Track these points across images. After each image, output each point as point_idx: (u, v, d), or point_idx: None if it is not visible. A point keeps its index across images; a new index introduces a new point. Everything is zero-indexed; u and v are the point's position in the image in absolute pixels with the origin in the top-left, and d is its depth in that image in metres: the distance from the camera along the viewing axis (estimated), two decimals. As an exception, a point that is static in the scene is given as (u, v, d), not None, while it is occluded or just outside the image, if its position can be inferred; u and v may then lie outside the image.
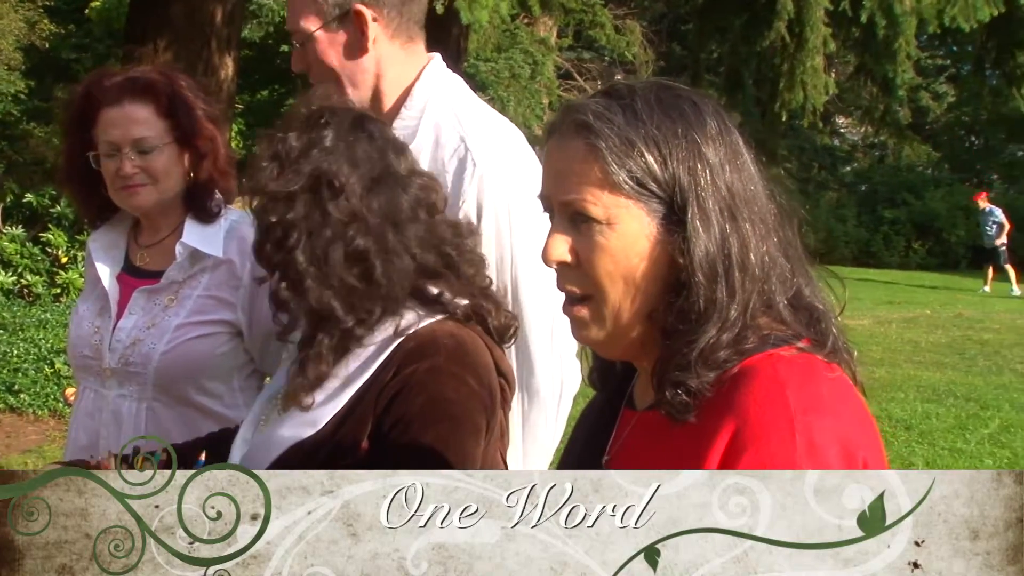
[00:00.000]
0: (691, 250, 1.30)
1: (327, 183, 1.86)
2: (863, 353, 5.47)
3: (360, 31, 2.34)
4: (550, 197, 1.38)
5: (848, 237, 29.67)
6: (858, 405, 1.31)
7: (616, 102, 1.34)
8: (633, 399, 1.47)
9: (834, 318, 1.38)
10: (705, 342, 1.29)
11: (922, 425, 8.59)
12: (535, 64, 26.73)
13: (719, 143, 1.33)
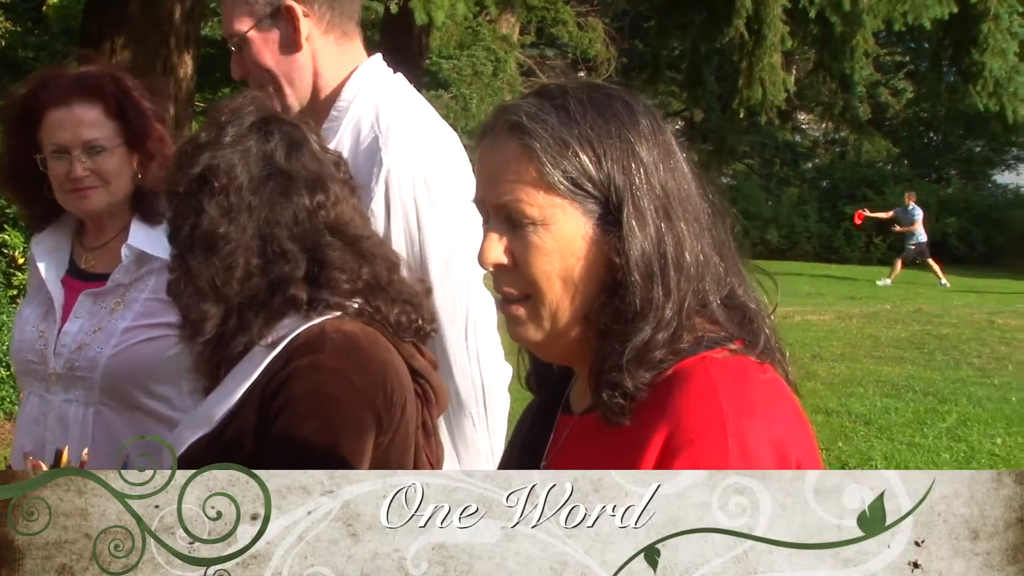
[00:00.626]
0: (627, 249, 1.30)
1: (212, 179, 1.87)
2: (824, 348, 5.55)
3: (292, 27, 2.35)
4: (484, 200, 1.37)
5: (810, 233, 29.88)
6: (791, 405, 1.32)
7: (549, 102, 1.34)
8: (570, 403, 1.47)
9: (767, 317, 1.39)
10: (640, 341, 1.29)
11: (881, 420, 8.69)
12: (497, 61, 26.71)
13: (652, 142, 1.33)
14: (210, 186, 1.87)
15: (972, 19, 15.47)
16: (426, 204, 2.30)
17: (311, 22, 2.36)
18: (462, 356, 2.33)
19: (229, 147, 1.89)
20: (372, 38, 21.93)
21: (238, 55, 2.39)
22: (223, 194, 1.87)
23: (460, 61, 26.15)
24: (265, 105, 2.06)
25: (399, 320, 1.97)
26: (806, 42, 17.85)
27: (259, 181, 1.88)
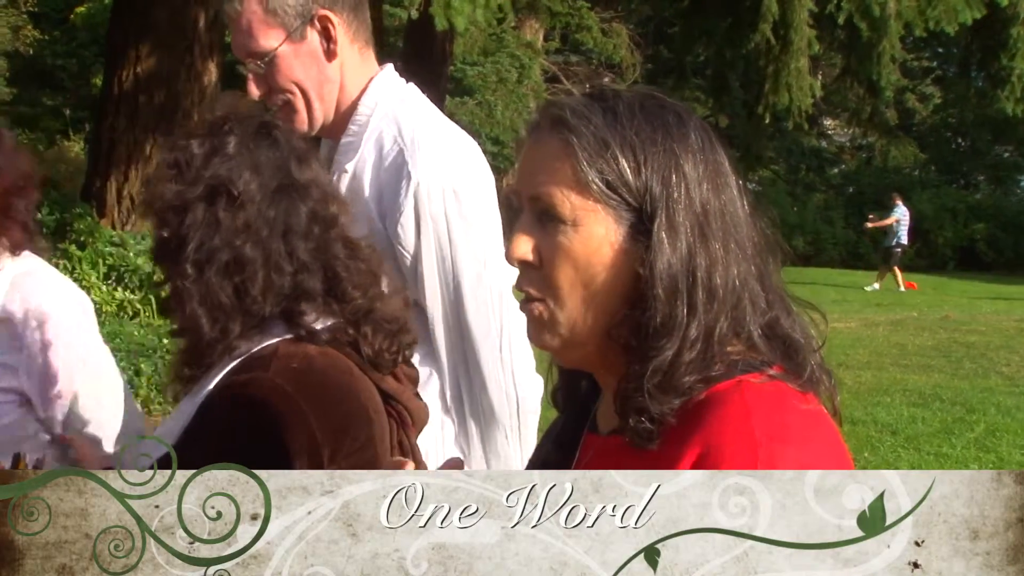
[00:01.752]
0: (653, 262, 1.25)
1: (225, 192, 1.82)
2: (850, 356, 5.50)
3: (327, 36, 2.29)
4: (520, 192, 1.34)
5: (836, 239, 29.76)
6: (829, 437, 1.26)
7: (598, 103, 1.30)
8: (596, 422, 1.42)
9: (815, 351, 1.33)
10: (661, 362, 1.24)
11: (908, 430, 8.59)
12: (522, 68, 26.76)
13: (699, 158, 1.28)
14: (223, 199, 1.82)
15: (1001, 23, 15.40)
16: (456, 216, 2.26)
17: (342, 30, 2.30)
18: (496, 369, 2.30)
19: (237, 157, 1.84)
20: (395, 44, 22.00)
21: (258, 74, 2.30)
22: (238, 207, 1.82)
23: (484, 67, 26.21)
24: (260, 109, 2.03)
25: (374, 349, 1.92)
26: (833, 47, 17.81)
27: (274, 192, 1.84)
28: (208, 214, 1.81)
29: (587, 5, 26.82)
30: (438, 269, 2.26)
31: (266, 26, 2.25)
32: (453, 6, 11.18)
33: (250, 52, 2.28)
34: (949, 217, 28.84)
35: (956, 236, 28.28)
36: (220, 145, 1.84)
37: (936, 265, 28.15)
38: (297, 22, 2.26)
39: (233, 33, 2.31)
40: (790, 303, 1.35)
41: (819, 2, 14.65)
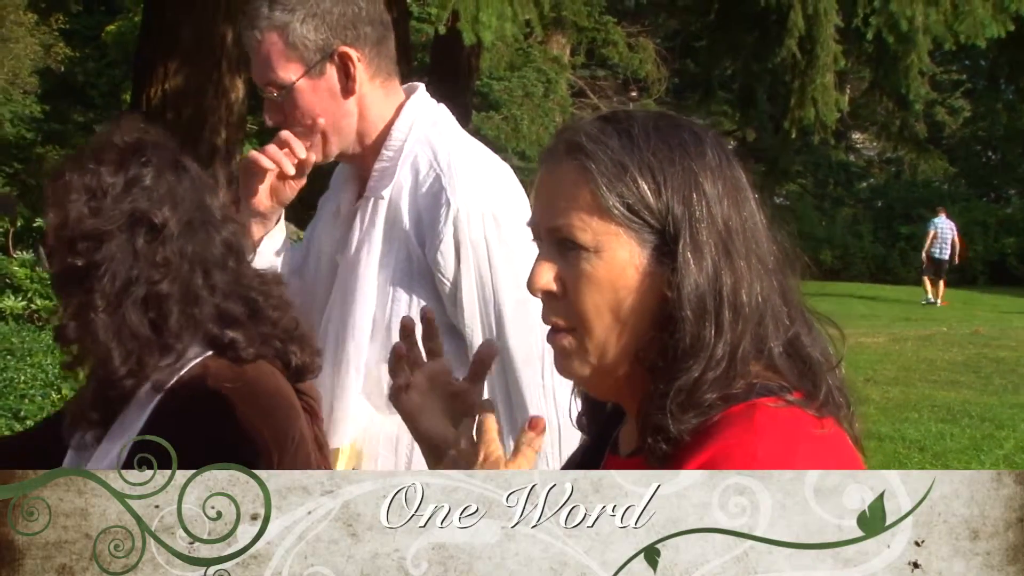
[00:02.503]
0: (680, 283, 1.24)
1: (147, 224, 1.80)
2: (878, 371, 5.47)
3: (346, 74, 2.29)
4: (539, 223, 1.32)
5: (864, 253, 29.60)
6: (843, 465, 1.22)
7: (612, 126, 1.29)
8: (618, 444, 1.41)
9: (835, 369, 1.31)
10: (686, 381, 1.23)
11: (936, 446, 8.51)
12: (548, 82, 26.81)
13: (718, 176, 1.27)
14: (143, 231, 1.79)
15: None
16: (496, 242, 2.26)
17: (362, 67, 2.30)
18: (538, 396, 2.28)
19: (156, 189, 1.81)
20: (423, 59, 22.08)
21: (276, 103, 2.29)
22: (159, 241, 1.80)
23: (511, 82, 26.28)
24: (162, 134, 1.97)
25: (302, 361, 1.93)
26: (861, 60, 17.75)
27: (189, 225, 1.83)
28: (128, 246, 1.78)
29: (613, 20, 26.85)
30: (478, 295, 2.25)
31: (285, 59, 2.25)
32: (481, 21, 11.21)
33: (268, 82, 2.28)
34: (979, 231, 28.62)
35: (986, 250, 28.06)
36: (138, 176, 1.81)
37: (966, 279, 27.92)
38: (316, 57, 2.26)
39: (252, 60, 2.31)
40: (811, 318, 1.33)
41: (846, 16, 14.61)
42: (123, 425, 1.81)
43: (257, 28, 2.26)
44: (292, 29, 2.25)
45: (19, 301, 10.67)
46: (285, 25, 2.25)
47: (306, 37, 2.25)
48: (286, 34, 2.25)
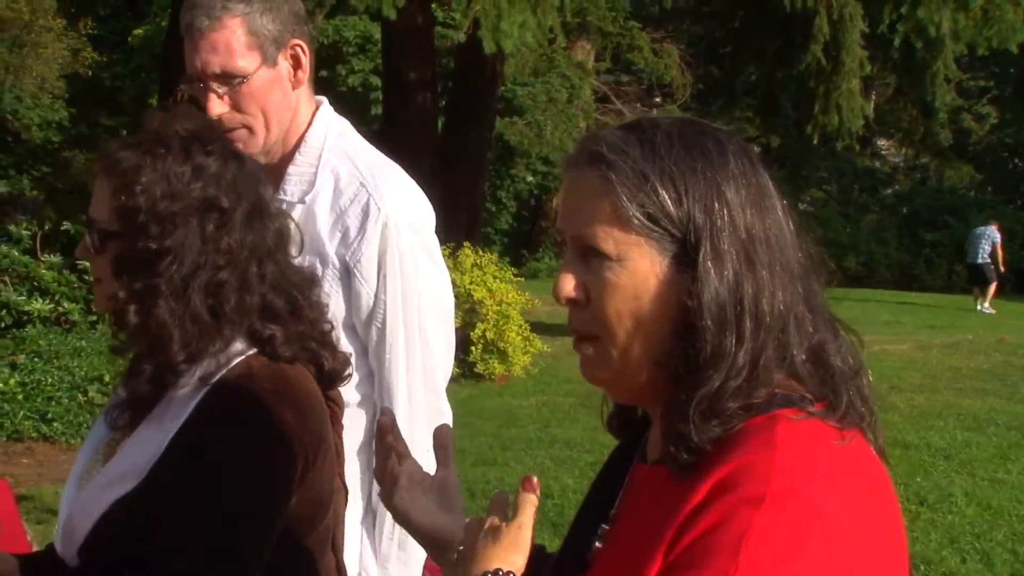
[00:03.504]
0: (700, 292, 1.23)
1: (216, 210, 1.80)
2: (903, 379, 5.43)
3: (296, 66, 2.36)
4: (564, 231, 1.32)
5: (889, 260, 29.42)
6: (864, 480, 1.22)
7: (635, 135, 1.29)
8: (646, 451, 1.41)
9: (861, 377, 1.29)
10: (708, 390, 1.22)
11: (962, 454, 8.44)
12: (572, 88, 26.79)
13: (741, 183, 1.27)
14: (213, 218, 1.80)
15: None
16: (420, 249, 2.40)
17: (305, 62, 2.38)
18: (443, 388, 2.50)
19: (221, 176, 1.83)
20: (447, 65, 22.08)
21: (222, 94, 2.31)
22: (226, 227, 1.81)
23: (535, 88, 26.26)
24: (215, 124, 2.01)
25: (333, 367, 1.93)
26: (886, 67, 17.65)
27: (249, 215, 1.84)
28: (198, 232, 1.79)
29: (638, 26, 26.81)
30: (399, 298, 2.36)
31: (246, 48, 2.30)
32: (502, 29, 11.20)
33: (224, 71, 2.30)
34: (1006, 238, 28.42)
35: (1013, 258, 27.78)
36: (204, 163, 1.82)
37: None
38: (272, 48, 2.32)
39: (200, 48, 2.29)
40: (837, 326, 1.32)
41: (872, 22, 14.53)
42: (166, 414, 1.80)
43: (214, 17, 2.28)
44: (252, 19, 2.29)
45: (46, 304, 10.73)
46: (245, 15, 2.29)
47: (265, 27, 2.31)
48: (247, 23, 2.29)
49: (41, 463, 7.96)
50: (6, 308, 10.62)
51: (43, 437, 8.31)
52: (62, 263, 11.17)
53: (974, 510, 6.96)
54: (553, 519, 6.37)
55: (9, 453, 8.09)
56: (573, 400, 9.84)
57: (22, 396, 8.68)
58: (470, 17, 11.31)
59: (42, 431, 8.34)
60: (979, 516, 6.86)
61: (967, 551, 6.20)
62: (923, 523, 6.63)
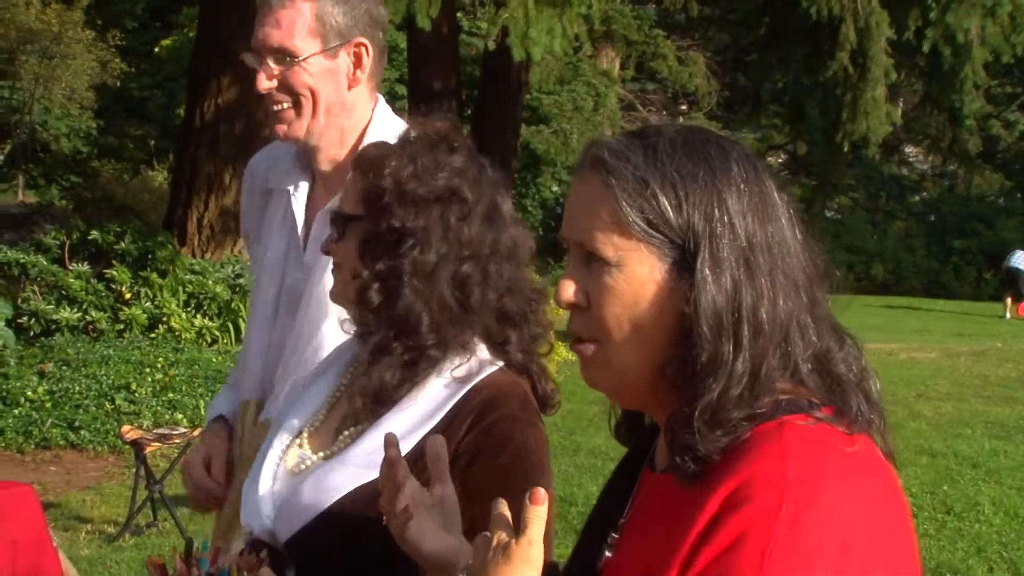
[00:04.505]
0: (697, 299, 1.22)
1: (459, 201, 1.83)
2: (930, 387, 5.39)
3: (356, 65, 2.36)
4: (567, 236, 1.33)
5: (917, 268, 29.27)
6: (875, 485, 1.22)
7: (639, 141, 1.29)
8: (654, 459, 1.40)
9: (870, 383, 1.29)
10: (709, 400, 1.22)
11: (990, 463, 8.36)
12: (598, 96, 26.77)
13: (743, 190, 1.26)
14: (455, 208, 1.83)
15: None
16: None
17: (368, 63, 2.37)
18: None
19: (465, 172, 1.86)
20: (472, 73, 22.13)
21: (273, 69, 2.32)
22: (468, 220, 1.84)
23: (560, 96, 26.26)
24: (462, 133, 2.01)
25: (545, 391, 1.94)
26: (913, 74, 17.58)
27: (488, 215, 1.87)
28: (441, 219, 1.82)
29: (663, 34, 26.80)
30: None
31: (308, 32, 2.31)
32: (531, 36, 11.24)
33: (280, 47, 2.31)
34: (1036, 245, 28.20)
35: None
36: (448, 158, 1.86)
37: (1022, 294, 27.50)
38: (336, 41, 2.32)
39: (265, 22, 2.32)
40: (843, 334, 1.31)
41: (898, 29, 14.47)
42: (416, 408, 1.82)
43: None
44: (323, 6, 2.30)
45: (74, 313, 10.81)
46: (318, 1, 2.30)
47: (335, 17, 2.31)
48: (317, 9, 2.30)
49: (69, 471, 8.02)
50: (35, 317, 10.73)
51: (71, 445, 8.36)
52: (90, 272, 11.27)
53: (1002, 519, 6.90)
54: (577, 527, 6.36)
55: (37, 461, 8.15)
56: (598, 408, 9.74)
57: (50, 404, 8.75)
58: (499, 25, 11.34)
59: (70, 439, 8.39)
60: (1007, 525, 6.80)
61: (994, 560, 6.15)
62: (950, 532, 6.58)
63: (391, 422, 1.81)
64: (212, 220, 12.76)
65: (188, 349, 10.47)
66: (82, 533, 6.68)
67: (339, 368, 2.02)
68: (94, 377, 9.20)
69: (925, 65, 16.06)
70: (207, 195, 12.76)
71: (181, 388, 9.24)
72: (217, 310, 11.48)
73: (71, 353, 9.82)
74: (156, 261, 11.55)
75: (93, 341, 10.44)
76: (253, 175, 2.57)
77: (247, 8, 10.50)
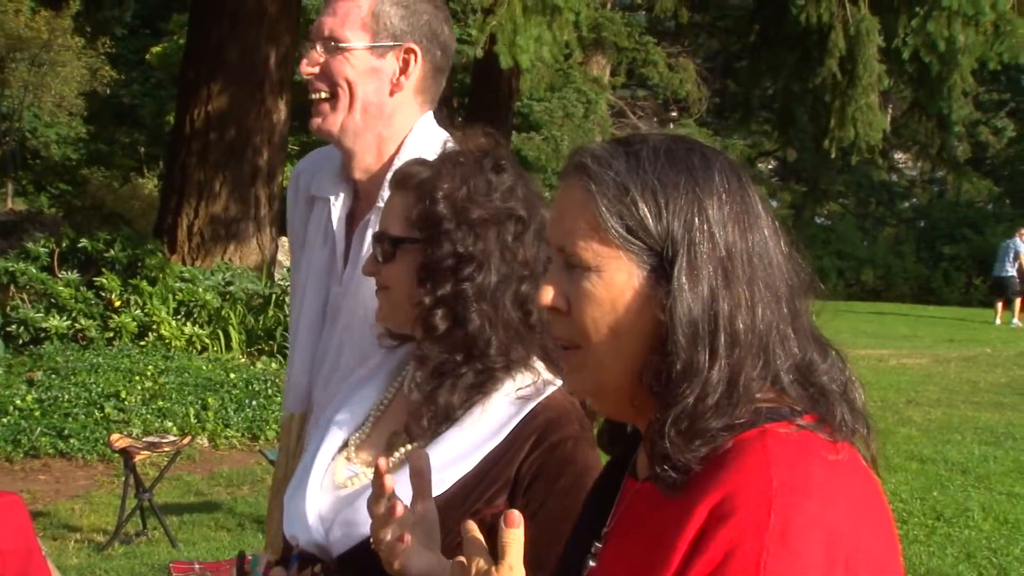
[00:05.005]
0: (672, 307, 1.23)
1: (515, 220, 1.84)
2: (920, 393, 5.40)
3: (402, 71, 2.31)
4: (551, 241, 1.34)
5: (907, 274, 29.34)
6: (859, 489, 1.22)
7: (623, 148, 1.29)
8: (636, 467, 1.40)
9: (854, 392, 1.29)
10: (683, 408, 1.22)
11: (979, 469, 8.38)
12: (588, 103, 26.82)
13: (725, 199, 1.26)
14: (511, 226, 1.85)
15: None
16: None
17: (417, 73, 2.33)
18: None
19: (515, 192, 1.87)
20: (463, 80, 22.15)
21: (319, 55, 2.30)
22: (521, 238, 1.86)
23: (551, 103, 26.31)
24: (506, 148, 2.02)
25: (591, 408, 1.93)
26: (902, 81, 17.63)
27: (537, 232, 1.87)
28: (499, 240, 1.83)
29: (653, 40, 26.84)
30: None
31: (360, 24, 2.29)
32: (518, 44, 11.24)
33: (330, 34, 2.29)
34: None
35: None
36: (499, 178, 1.87)
37: (1011, 300, 27.57)
38: (387, 41, 2.30)
39: (325, 10, 2.32)
40: (826, 344, 1.31)
41: (888, 37, 14.52)
42: (480, 426, 1.82)
43: None
44: (382, 5, 2.29)
45: (64, 320, 10.77)
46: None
47: (390, 17, 2.29)
48: (374, 5, 2.29)
49: (58, 479, 7.99)
50: (24, 325, 10.69)
51: (60, 453, 8.34)
52: (79, 280, 11.24)
53: (991, 525, 6.92)
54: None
55: (26, 470, 8.12)
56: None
57: (39, 412, 8.73)
58: (486, 32, 11.35)
59: (59, 447, 8.37)
60: (996, 531, 6.81)
61: (984, 566, 6.16)
62: (940, 538, 6.59)
63: (452, 440, 1.81)
64: (202, 227, 12.74)
65: (178, 357, 10.44)
66: (71, 542, 6.66)
67: (382, 380, 2.01)
68: (83, 385, 9.17)
69: (914, 72, 16.11)
70: (197, 202, 12.73)
71: (171, 396, 9.22)
72: (207, 318, 11.45)
73: (60, 361, 9.79)
74: (146, 269, 11.52)
75: (82, 349, 10.41)
76: (297, 181, 2.54)
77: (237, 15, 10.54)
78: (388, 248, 1.89)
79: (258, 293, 11.84)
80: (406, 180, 1.89)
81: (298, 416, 2.43)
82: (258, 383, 9.71)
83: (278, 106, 13.08)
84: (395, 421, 1.93)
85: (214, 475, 8.25)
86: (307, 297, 2.45)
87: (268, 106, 12.96)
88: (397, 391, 1.97)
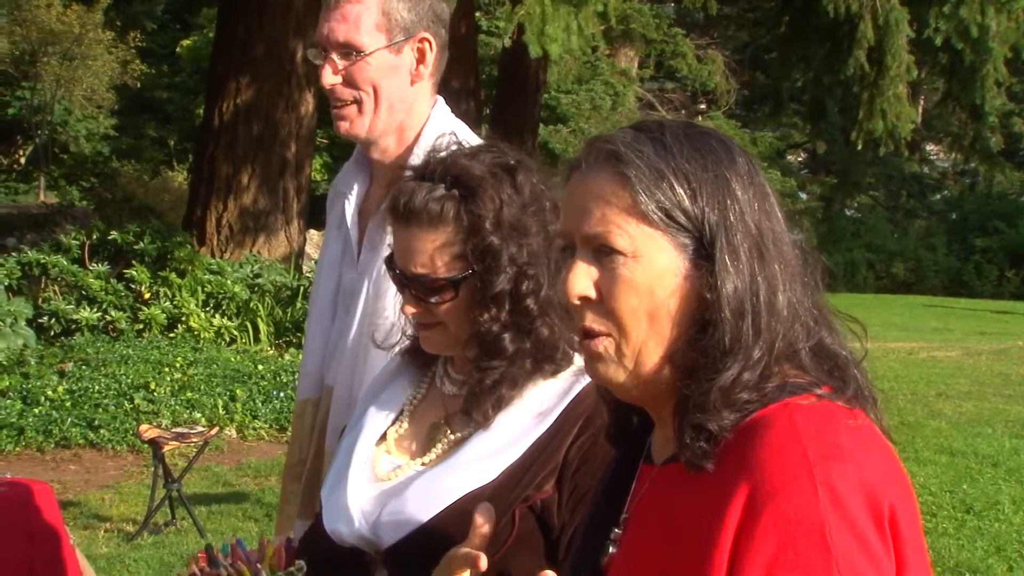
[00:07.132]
0: (720, 286, 1.25)
1: (551, 210, 1.86)
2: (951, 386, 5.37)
3: (420, 60, 2.34)
4: (573, 231, 1.33)
5: (938, 266, 29.11)
6: (882, 451, 1.26)
7: (645, 135, 1.31)
8: (651, 453, 1.41)
9: (858, 364, 1.33)
10: (726, 380, 1.24)
11: (1010, 462, 8.31)
12: (616, 95, 26.76)
13: (748, 182, 1.30)
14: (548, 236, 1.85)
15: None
16: None
17: (431, 59, 2.35)
18: None
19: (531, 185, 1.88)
20: (491, 73, 22.13)
21: (339, 65, 2.30)
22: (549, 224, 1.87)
23: (578, 95, 26.27)
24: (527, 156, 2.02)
25: None
26: (934, 72, 17.48)
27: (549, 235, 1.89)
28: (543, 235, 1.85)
29: (682, 32, 26.75)
30: None
31: (374, 26, 2.29)
32: (547, 33, 11.23)
33: (346, 42, 2.30)
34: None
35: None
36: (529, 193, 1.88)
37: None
38: (401, 36, 2.31)
39: (331, 16, 2.31)
40: (833, 321, 1.35)
41: (919, 27, 14.39)
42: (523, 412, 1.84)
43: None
44: (389, 1, 2.29)
45: (94, 312, 10.86)
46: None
47: (400, 12, 2.30)
48: (383, 4, 2.29)
49: (88, 470, 8.06)
50: (55, 317, 10.78)
51: (90, 444, 8.41)
52: (110, 272, 11.32)
53: (1021, 518, 6.86)
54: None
55: (57, 460, 8.19)
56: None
57: (70, 403, 8.80)
58: (515, 22, 11.34)
59: (89, 438, 8.44)
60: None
61: (1014, 559, 6.11)
62: (969, 531, 6.55)
63: (501, 427, 1.83)
64: (231, 220, 12.81)
65: (207, 349, 10.52)
66: (101, 531, 6.71)
67: (414, 372, 2.01)
68: (113, 376, 9.25)
69: (946, 62, 15.96)
70: (226, 195, 12.81)
71: (199, 387, 9.29)
72: (236, 310, 11.52)
73: (91, 353, 9.87)
74: (175, 261, 11.60)
75: (113, 341, 10.49)
76: (336, 179, 2.57)
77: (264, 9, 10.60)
78: (444, 289, 1.85)
79: (286, 285, 11.90)
80: (422, 215, 1.84)
81: (312, 401, 2.44)
82: (286, 374, 9.75)
83: (305, 99, 13.14)
84: (432, 413, 1.94)
85: (242, 466, 8.29)
86: (319, 284, 2.48)
87: (295, 99, 13.02)
88: (431, 383, 1.98)
